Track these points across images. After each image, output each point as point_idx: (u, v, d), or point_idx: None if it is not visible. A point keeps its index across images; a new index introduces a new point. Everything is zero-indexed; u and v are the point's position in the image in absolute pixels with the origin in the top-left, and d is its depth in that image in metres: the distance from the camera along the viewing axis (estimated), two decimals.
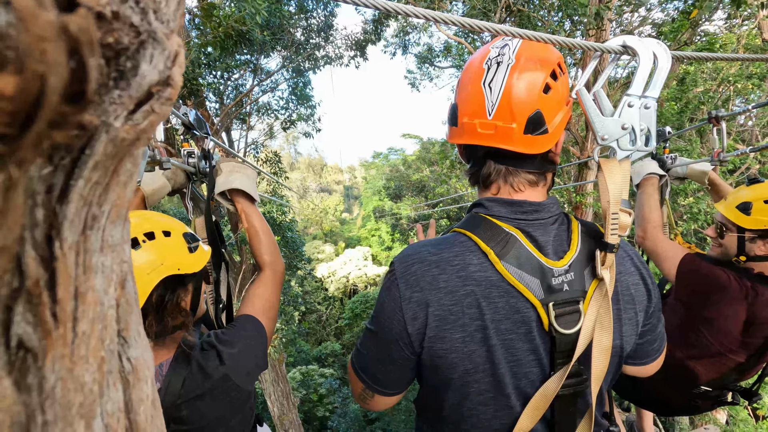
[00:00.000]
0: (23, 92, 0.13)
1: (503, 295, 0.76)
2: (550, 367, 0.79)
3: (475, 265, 0.77)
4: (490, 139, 0.81)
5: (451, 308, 0.76)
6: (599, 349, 0.79)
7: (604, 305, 0.79)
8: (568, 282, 0.79)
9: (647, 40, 0.87)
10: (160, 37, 0.25)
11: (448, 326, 0.76)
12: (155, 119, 0.26)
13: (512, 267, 0.76)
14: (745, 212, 1.63)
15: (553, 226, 0.83)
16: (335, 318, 22.06)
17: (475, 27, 0.94)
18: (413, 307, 0.77)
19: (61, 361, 0.21)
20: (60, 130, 0.17)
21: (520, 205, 0.82)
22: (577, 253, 0.80)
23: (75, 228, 0.22)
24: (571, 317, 0.78)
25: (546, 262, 0.78)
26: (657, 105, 0.84)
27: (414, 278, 0.77)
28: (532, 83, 0.79)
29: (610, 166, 0.81)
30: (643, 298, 0.88)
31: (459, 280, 0.76)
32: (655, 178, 1.94)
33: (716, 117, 2.05)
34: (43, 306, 0.19)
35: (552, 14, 6.13)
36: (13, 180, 0.15)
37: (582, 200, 6.17)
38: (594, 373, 0.80)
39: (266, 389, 7.95)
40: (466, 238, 0.81)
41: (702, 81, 7.40)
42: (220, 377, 0.95)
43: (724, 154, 2.02)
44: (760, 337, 1.66)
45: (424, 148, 22.02)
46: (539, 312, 0.76)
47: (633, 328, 0.86)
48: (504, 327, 0.76)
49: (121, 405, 0.27)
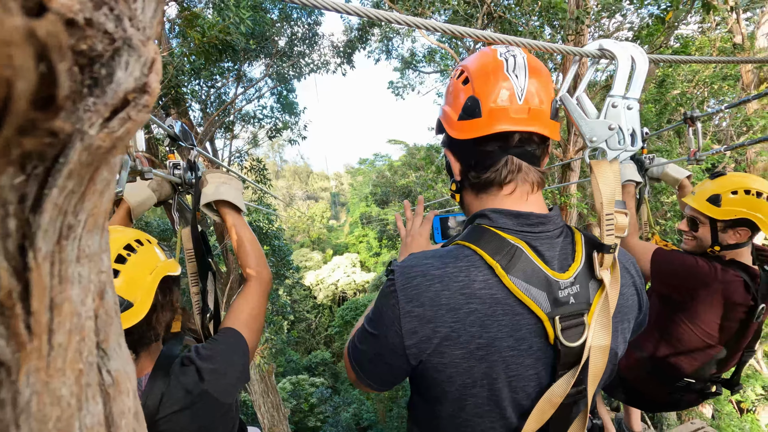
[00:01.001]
0: None
1: (507, 313, 0.75)
2: (550, 378, 0.79)
3: (480, 282, 0.75)
4: (524, 122, 0.80)
5: (452, 325, 0.74)
6: (597, 351, 0.79)
7: (604, 307, 0.79)
8: (574, 294, 0.78)
9: (624, 43, 0.90)
10: (135, 44, 0.25)
11: (448, 343, 0.74)
12: (132, 126, 0.26)
13: (519, 281, 0.75)
14: (716, 204, 1.71)
15: (558, 239, 0.82)
16: (324, 326, 21.89)
17: (457, 33, 0.96)
18: (412, 321, 0.75)
19: (37, 374, 0.20)
20: (30, 137, 0.16)
21: (527, 217, 0.81)
22: (581, 265, 0.80)
23: (49, 238, 0.21)
24: (576, 330, 0.77)
25: (552, 274, 0.77)
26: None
27: (415, 292, 0.75)
28: (547, 72, 0.83)
29: (601, 167, 0.82)
30: (635, 308, 0.89)
31: (462, 297, 0.74)
32: (632, 186, 1.99)
33: (691, 117, 2.12)
34: (15, 318, 0.19)
35: (532, 20, 6.25)
36: None
37: (567, 201, 6.27)
38: (591, 376, 0.80)
39: (256, 401, 7.82)
40: (471, 252, 0.78)
41: (680, 83, 7.62)
42: (199, 393, 0.94)
43: (700, 153, 2.08)
44: (735, 320, 1.72)
45: (409, 153, 22.13)
46: (545, 326, 0.75)
47: (625, 336, 0.88)
48: (506, 344, 0.75)
49: (101, 419, 0.26)
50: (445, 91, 0.93)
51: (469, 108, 0.83)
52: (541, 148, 0.85)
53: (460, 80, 0.86)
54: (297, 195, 45.49)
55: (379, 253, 26.03)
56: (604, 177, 0.81)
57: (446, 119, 0.89)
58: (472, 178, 0.87)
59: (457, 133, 0.85)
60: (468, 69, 0.85)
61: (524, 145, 0.83)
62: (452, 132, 0.86)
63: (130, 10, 0.25)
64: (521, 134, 0.82)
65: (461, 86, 0.85)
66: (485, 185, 0.86)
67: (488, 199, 0.87)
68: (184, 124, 1.40)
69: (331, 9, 0.91)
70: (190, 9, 5.69)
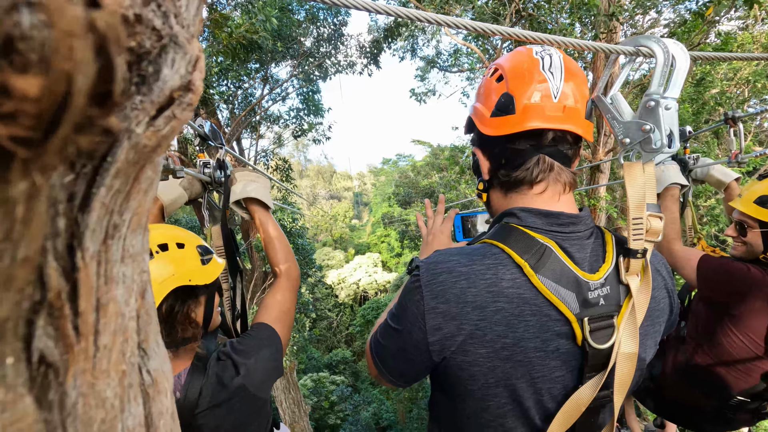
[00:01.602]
0: (49, 93, 0.13)
1: (535, 313, 0.73)
2: (577, 380, 0.77)
3: (508, 280, 0.74)
4: (559, 120, 0.79)
5: (478, 323, 0.73)
6: (625, 358, 0.77)
7: (631, 315, 0.77)
8: (604, 296, 0.76)
9: (663, 39, 0.86)
10: (181, 42, 0.24)
11: (473, 341, 0.73)
12: (176, 125, 0.25)
13: (548, 280, 0.73)
14: (765, 206, 1.60)
15: (589, 240, 0.80)
16: (346, 325, 22.03)
17: (488, 31, 0.93)
18: (437, 318, 0.74)
19: (83, 376, 0.20)
20: (85, 135, 0.16)
21: (557, 217, 0.80)
22: (612, 267, 0.78)
23: (96, 237, 0.21)
24: (605, 332, 0.75)
25: (582, 275, 0.75)
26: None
27: (440, 288, 0.74)
28: (582, 72, 0.82)
29: (632, 169, 0.79)
30: (666, 311, 0.87)
31: (489, 295, 0.73)
32: (676, 189, 1.88)
33: (733, 118, 2.01)
34: (64, 319, 0.19)
35: (562, 17, 6.10)
36: (37, 187, 0.15)
37: (596, 204, 6.09)
38: (618, 384, 0.78)
39: (278, 397, 7.94)
40: (499, 250, 0.77)
41: (719, 81, 7.29)
42: (236, 388, 0.96)
43: (742, 155, 1.97)
44: None
45: (433, 154, 22.00)
46: (573, 327, 0.74)
47: (655, 340, 0.86)
48: (532, 345, 0.73)
49: (141, 420, 0.26)
50: (476, 90, 0.92)
51: (502, 104, 0.81)
52: (573, 149, 0.83)
53: (493, 78, 0.85)
54: (320, 194, 45.99)
55: (400, 253, 26.00)
56: (634, 179, 0.79)
57: (478, 116, 0.87)
58: (502, 177, 0.85)
59: (489, 129, 0.84)
60: (502, 67, 0.84)
61: (557, 144, 0.81)
62: (484, 129, 0.85)
63: (176, 8, 0.25)
64: (555, 133, 0.80)
65: (495, 84, 0.84)
66: (515, 184, 0.84)
67: (517, 198, 0.85)
68: (213, 124, 1.44)
69: (361, 8, 0.91)
70: (218, 11, 5.82)
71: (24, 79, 0.12)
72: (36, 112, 0.13)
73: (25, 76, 0.12)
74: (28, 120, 0.12)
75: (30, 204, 0.15)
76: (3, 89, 0.12)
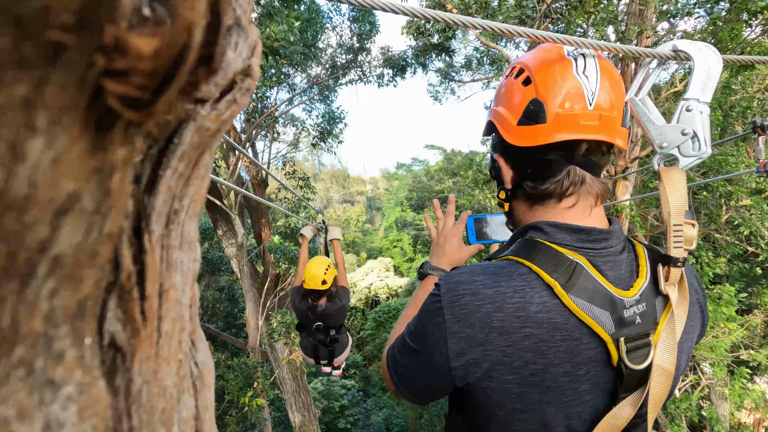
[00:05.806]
0: (169, 46, 0.12)
1: (566, 338, 0.69)
2: (608, 401, 0.72)
3: (537, 304, 0.69)
4: (595, 130, 0.73)
5: (505, 350, 0.68)
6: (661, 375, 0.73)
7: (670, 328, 0.72)
8: (641, 314, 0.71)
9: (699, 43, 0.84)
10: (244, 25, 0.24)
11: (500, 367, 0.69)
12: (236, 109, 0.25)
13: (580, 300, 0.68)
14: None
15: (621, 256, 0.76)
16: (357, 329, 21.97)
17: (520, 35, 0.92)
18: (460, 343, 0.70)
19: (147, 363, 0.19)
20: (184, 102, 0.15)
21: (588, 233, 0.74)
22: (647, 281, 0.73)
23: (161, 221, 0.21)
24: (642, 351, 0.71)
25: (616, 292, 0.71)
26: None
27: (464, 312, 0.70)
28: (619, 74, 0.77)
29: (670, 174, 0.75)
30: (698, 326, 0.83)
31: (517, 320, 0.68)
32: None
33: (761, 126, 1.95)
34: (133, 302, 0.18)
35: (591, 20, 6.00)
36: (134, 155, 0.14)
37: (621, 210, 5.97)
38: (653, 401, 0.73)
39: (287, 400, 7.95)
40: (527, 270, 0.71)
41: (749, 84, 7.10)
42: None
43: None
44: None
45: (447, 159, 21.91)
46: (609, 348, 0.69)
47: (688, 355, 0.82)
48: (562, 370, 0.69)
49: (193, 412, 0.25)
50: (498, 90, 0.86)
51: (531, 112, 0.76)
52: (605, 158, 0.79)
53: (519, 80, 0.79)
54: (334, 198, 46.20)
55: (413, 258, 25.88)
56: (674, 185, 0.74)
57: (501, 122, 0.81)
58: (528, 189, 0.79)
59: (514, 139, 0.78)
60: (530, 68, 0.78)
61: (590, 155, 0.76)
62: (508, 137, 0.79)
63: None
64: (589, 143, 0.75)
65: (521, 87, 0.78)
66: (542, 197, 0.78)
67: (544, 212, 0.79)
68: (321, 208, 3.63)
69: (388, 10, 0.90)
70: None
71: (139, 37, 0.11)
72: (151, 68, 0.12)
73: (140, 35, 0.11)
74: (141, 78, 0.12)
75: (124, 175, 0.14)
76: (120, 43, 0.11)
